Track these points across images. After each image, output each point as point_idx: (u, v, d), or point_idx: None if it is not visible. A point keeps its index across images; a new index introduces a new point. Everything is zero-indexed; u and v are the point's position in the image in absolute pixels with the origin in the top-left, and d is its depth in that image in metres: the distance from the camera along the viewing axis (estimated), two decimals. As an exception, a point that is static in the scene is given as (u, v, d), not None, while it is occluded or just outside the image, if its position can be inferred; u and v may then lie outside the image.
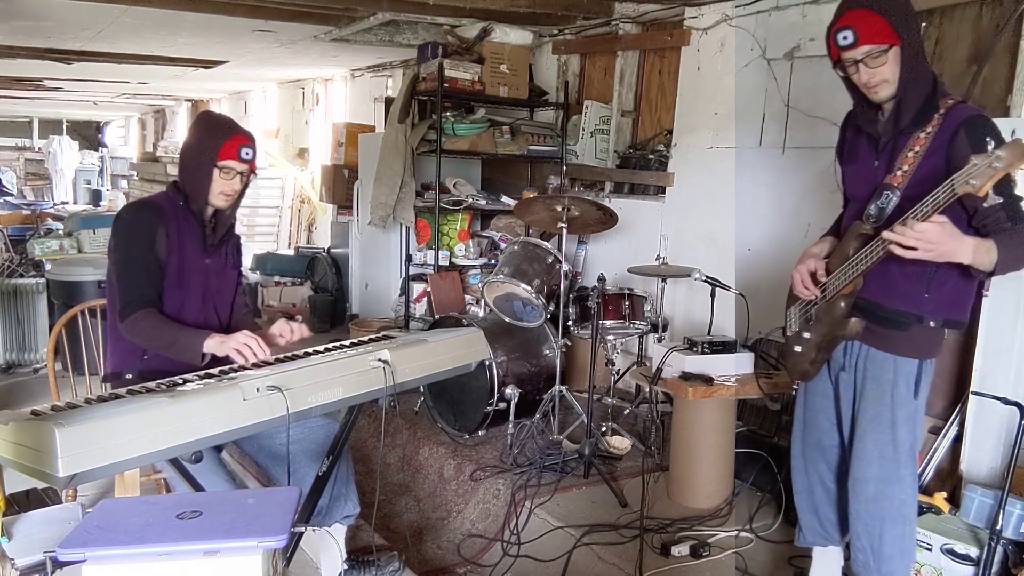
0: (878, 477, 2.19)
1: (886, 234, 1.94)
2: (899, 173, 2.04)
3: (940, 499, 2.75)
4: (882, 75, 2.00)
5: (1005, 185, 1.88)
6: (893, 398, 2.15)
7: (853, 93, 2.13)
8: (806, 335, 2.30)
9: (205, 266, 2.52)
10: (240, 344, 2.27)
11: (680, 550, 2.80)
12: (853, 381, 2.25)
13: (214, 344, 2.29)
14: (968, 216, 2.00)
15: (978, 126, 1.97)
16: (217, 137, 2.40)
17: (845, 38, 1.98)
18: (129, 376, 2.42)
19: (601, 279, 3.63)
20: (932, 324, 2.12)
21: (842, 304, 2.17)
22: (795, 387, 2.46)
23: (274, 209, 9.00)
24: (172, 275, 2.43)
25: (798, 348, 2.35)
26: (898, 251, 1.91)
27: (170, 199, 2.47)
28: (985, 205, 1.89)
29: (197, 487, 2.14)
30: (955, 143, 1.98)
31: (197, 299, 2.50)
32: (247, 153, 2.43)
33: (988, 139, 1.81)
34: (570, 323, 3.79)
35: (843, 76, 2.09)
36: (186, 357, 2.29)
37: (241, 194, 2.51)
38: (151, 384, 1.99)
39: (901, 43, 1.97)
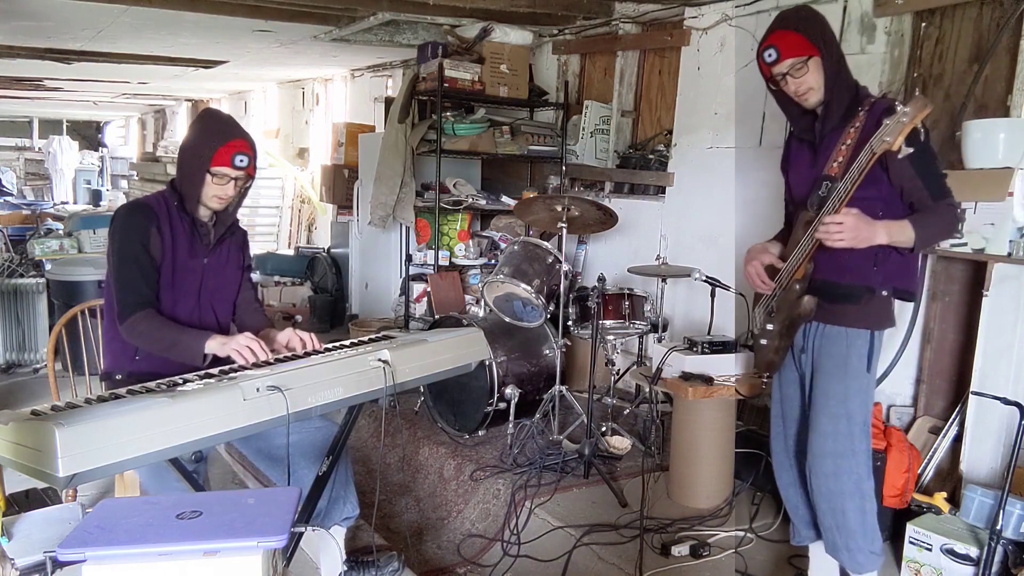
0: (834, 451, 2.28)
1: (820, 237, 2.16)
2: (835, 164, 2.21)
3: (940, 499, 2.75)
4: (807, 83, 2.23)
5: (919, 144, 2.12)
6: (846, 371, 2.27)
7: (786, 108, 2.36)
8: (769, 327, 2.41)
9: (202, 266, 2.49)
10: (241, 346, 2.26)
11: (680, 550, 2.80)
12: (811, 361, 2.36)
13: (216, 345, 2.28)
14: (899, 196, 2.21)
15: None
16: (213, 141, 2.35)
17: (770, 55, 2.25)
18: (119, 377, 2.42)
19: (601, 279, 3.63)
20: (884, 293, 2.27)
21: (796, 287, 2.29)
22: (765, 381, 2.52)
23: (274, 209, 9.00)
24: (165, 275, 2.41)
25: (764, 341, 2.44)
26: (829, 243, 2.13)
27: (165, 199, 2.45)
28: (899, 156, 2.11)
29: (197, 487, 2.14)
30: (878, 129, 2.16)
31: (191, 299, 2.47)
32: (242, 160, 2.36)
33: (896, 102, 2.08)
34: (570, 323, 3.78)
35: (775, 91, 2.32)
36: (187, 359, 2.28)
37: (241, 196, 2.48)
38: (151, 384, 1.99)
39: (819, 53, 2.20)
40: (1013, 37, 3.07)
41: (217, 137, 2.36)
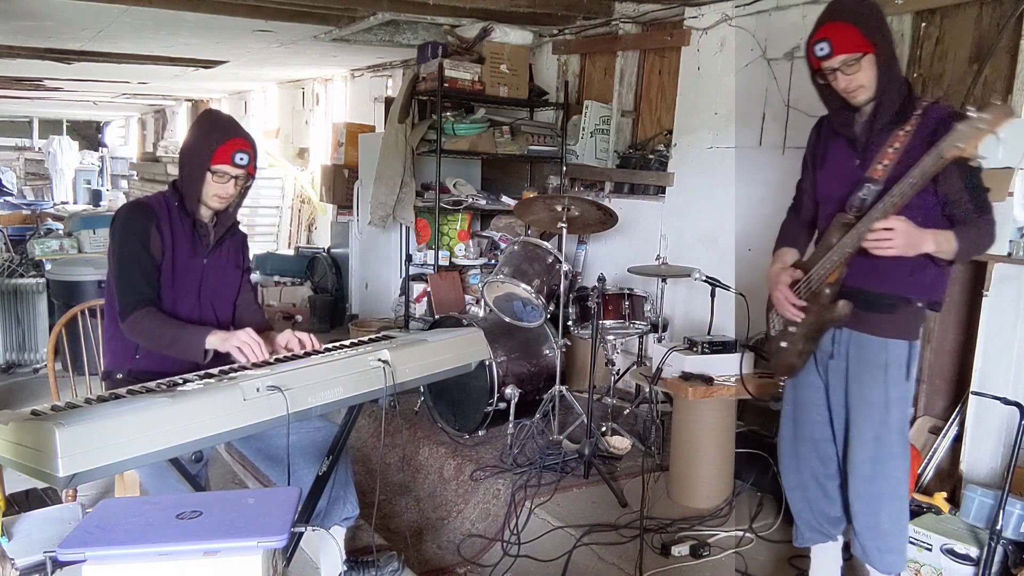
0: (873, 457, 2.27)
1: (866, 245, 2.10)
2: (880, 167, 2.16)
3: (940, 499, 2.75)
4: (858, 80, 2.13)
5: (973, 175, 2.08)
6: (886, 380, 2.24)
7: (828, 101, 2.26)
8: (791, 330, 2.37)
9: (202, 266, 2.50)
10: (242, 342, 2.27)
11: (680, 550, 2.80)
12: (844, 368, 2.31)
13: (217, 340, 2.29)
14: (940, 206, 2.14)
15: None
16: (213, 140, 2.35)
17: (822, 49, 2.12)
18: (120, 376, 2.42)
19: (601, 279, 3.63)
20: (919, 305, 2.23)
21: (827, 291, 2.25)
22: (782, 384, 2.50)
23: (274, 209, 9.00)
24: (166, 275, 2.42)
25: (784, 344, 2.41)
26: (877, 250, 2.08)
27: (166, 199, 2.46)
28: (971, 164, 2.04)
29: (197, 487, 2.14)
30: (935, 138, 2.08)
31: (191, 299, 2.48)
32: (242, 159, 2.37)
33: (968, 106, 2.00)
34: (570, 323, 3.79)
35: (822, 84, 2.22)
36: (189, 355, 2.29)
37: (241, 196, 2.49)
38: (151, 384, 1.99)
39: (874, 50, 2.09)
40: (1013, 37, 3.07)
41: (218, 136, 2.37)
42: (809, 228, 2.49)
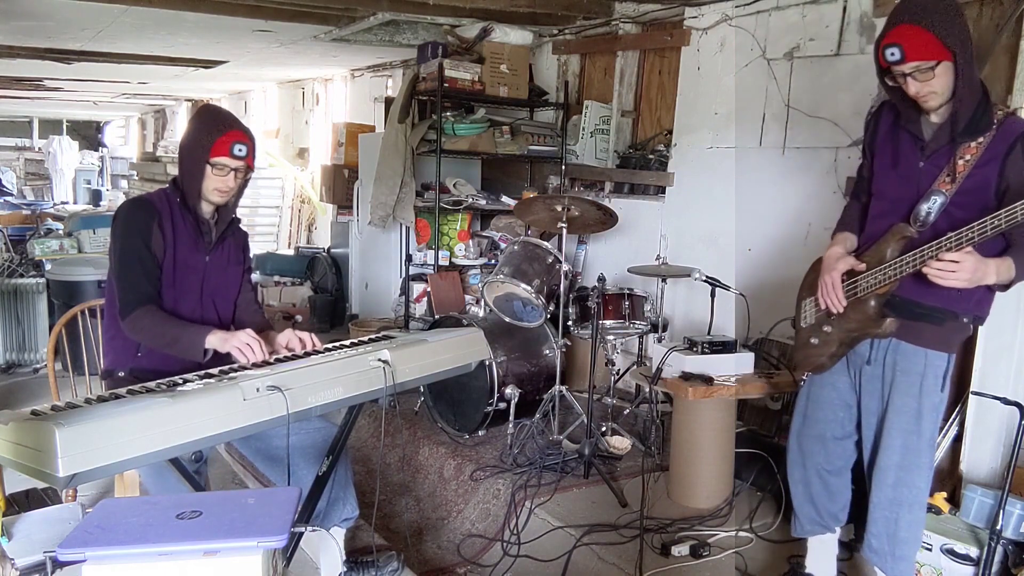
0: (899, 465, 2.24)
1: (925, 270, 2.02)
2: (947, 179, 2.07)
3: (940, 499, 2.75)
4: (931, 87, 2.01)
5: None
6: (921, 390, 2.20)
7: (898, 101, 2.14)
8: (827, 328, 2.32)
9: (204, 264, 2.50)
10: (242, 343, 2.27)
11: (680, 550, 2.80)
12: (880, 374, 2.28)
13: (216, 340, 2.29)
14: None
15: None
16: (211, 133, 2.36)
17: (892, 54, 1.98)
18: (121, 374, 2.42)
19: (601, 279, 3.63)
20: (965, 320, 2.18)
21: (873, 303, 2.19)
22: (803, 379, 2.47)
23: (274, 209, 9.00)
24: (167, 273, 2.42)
25: (815, 340, 2.36)
26: (941, 282, 1.99)
27: (167, 196, 2.47)
28: None
29: (197, 487, 2.14)
30: (1011, 157, 2.02)
31: (193, 297, 2.49)
32: (240, 150, 2.37)
33: None
34: (570, 323, 3.78)
35: (892, 85, 2.10)
36: (189, 354, 2.29)
37: (240, 190, 2.49)
38: (151, 384, 1.99)
39: (952, 58, 1.96)
40: (1013, 37, 3.07)
41: (216, 129, 2.37)
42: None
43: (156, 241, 2.39)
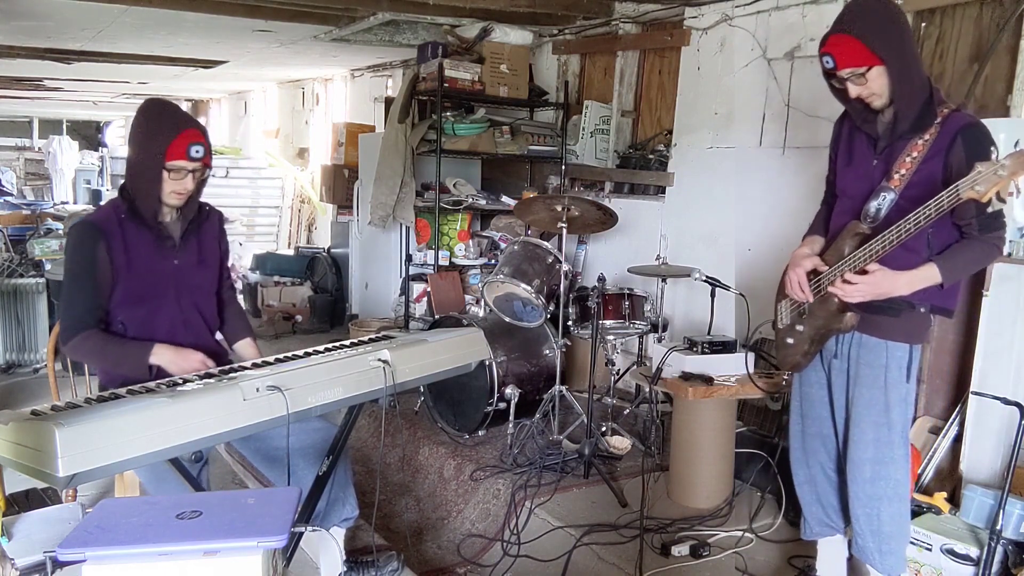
0: (874, 459, 2.28)
1: (832, 289, 2.20)
2: (896, 176, 2.15)
3: (940, 499, 2.75)
4: (870, 89, 2.11)
5: (985, 212, 2.04)
6: (886, 382, 2.25)
7: (846, 103, 2.23)
8: (799, 328, 2.38)
9: (172, 268, 2.39)
10: (192, 369, 2.21)
11: (680, 550, 2.80)
12: (846, 368, 2.33)
13: (165, 360, 2.22)
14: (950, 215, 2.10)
15: (975, 134, 2.10)
16: (163, 135, 2.22)
17: (827, 62, 2.11)
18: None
19: (601, 279, 3.63)
20: (922, 310, 2.23)
21: (836, 300, 2.24)
22: (786, 377, 2.49)
23: (274, 209, 9.00)
24: (132, 289, 2.30)
25: (790, 340, 2.42)
26: (845, 299, 2.16)
27: (115, 210, 2.31)
28: (989, 211, 2.02)
29: (197, 487, 2.14)
30: (953, 150, 2.09)
31: (170, 305, 2.39)
32: (197, 151, 2.24)
33: (992, 147, 2.00)
34: (570, 323, 3.78)
35: (838, 88, 2.19)
36: (135, 373, 2.22)
37: (199, 188, 2.36)
38: (151, 384, 1.99)
39: (882, 62, 2.05)
40: (1013, 37, 3.07)
41: (168, 130, 2.23)
42: None
43: (103, 266, 2.25)
